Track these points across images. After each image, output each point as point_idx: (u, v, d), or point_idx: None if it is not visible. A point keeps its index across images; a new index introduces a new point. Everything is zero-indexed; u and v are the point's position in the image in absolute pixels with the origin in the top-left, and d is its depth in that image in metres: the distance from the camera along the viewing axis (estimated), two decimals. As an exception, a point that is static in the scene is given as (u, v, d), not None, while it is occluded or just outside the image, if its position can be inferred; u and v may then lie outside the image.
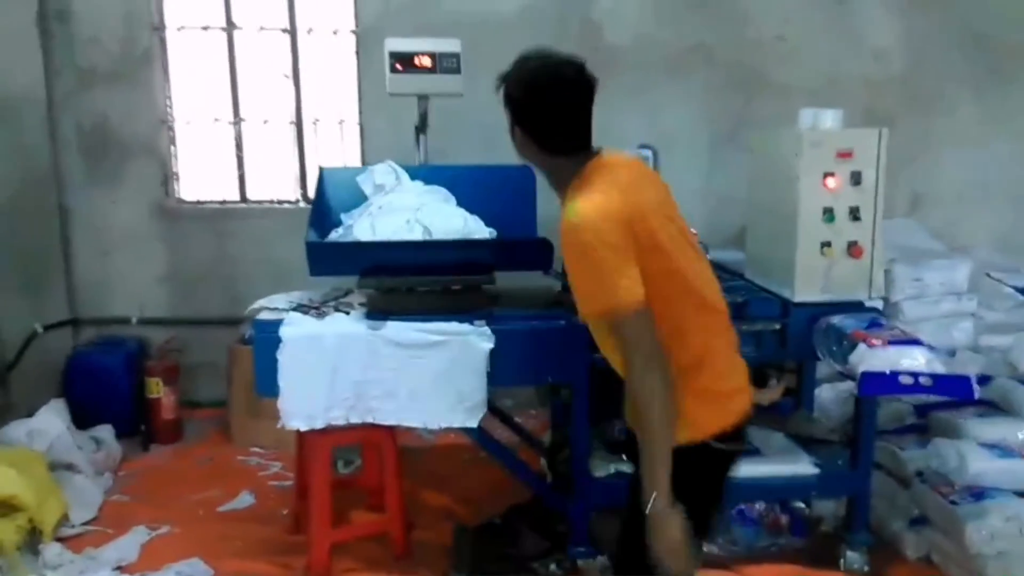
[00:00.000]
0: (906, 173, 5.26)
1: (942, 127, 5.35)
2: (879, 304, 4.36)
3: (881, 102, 5.23)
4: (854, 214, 3.38)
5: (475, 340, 3.24)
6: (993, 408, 3.75)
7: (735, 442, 2.15)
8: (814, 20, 5.28)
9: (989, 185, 5.40)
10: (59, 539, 3.57)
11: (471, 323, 3.27)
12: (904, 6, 5.29)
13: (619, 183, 2.05)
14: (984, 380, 3.91)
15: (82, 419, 4.42)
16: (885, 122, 5.10)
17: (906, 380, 2.93)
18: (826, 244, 3.38)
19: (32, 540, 3.46)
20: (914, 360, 2.97)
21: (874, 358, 3.00)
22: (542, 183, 3.97)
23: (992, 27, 5.30)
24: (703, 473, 2.12)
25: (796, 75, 5.21)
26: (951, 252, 4.89)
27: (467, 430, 3.37)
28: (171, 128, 5.30)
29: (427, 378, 3.24)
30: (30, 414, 4.23)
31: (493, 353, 3.23)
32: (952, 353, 4.31)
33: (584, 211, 1.96)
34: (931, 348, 3.06)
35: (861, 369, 2.98)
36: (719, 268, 3.88)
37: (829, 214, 3.36)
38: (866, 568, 3.38)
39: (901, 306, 4.47)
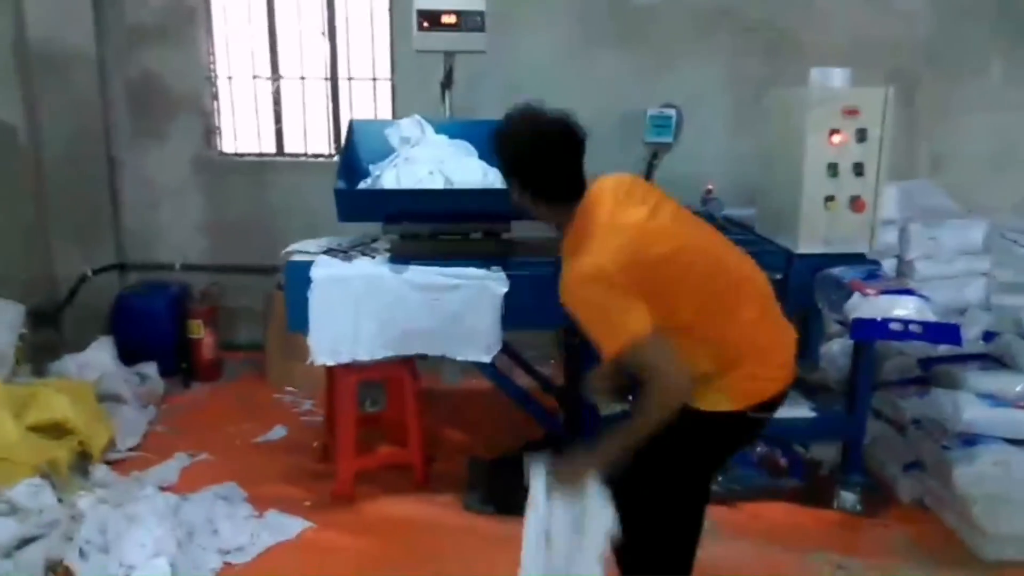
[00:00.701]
0: (929, 135, 5.30)
1: (967, 90, 5.33)
2: (892, 261, 4.48)
3: (907, 65, 5.22)
4: (858, 170, 3.49)
5: (491, 284, 3.45)
6: (997, 363, 3.85)
7: (770, 410, 2.25)
8: (842, -18, 5.28)
9: (1012, 149, 5.38)
10: (106, 462, 3.84)
11: (487, 268, 3.47)
12: (932, -31, 5.27)
13: (614, 225, 2.14)
14: (990, 336, 4.01)
15: (128, 357, 4.70)
16: (910, 84, 5.16)
17: (896, 327, 3.08)
18: (829, 198, 3.50)
19: (82, 462, 3.73)
20: (905, 309, 3.11)
21: (867, 306, 3.14)
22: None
23: (1021, -9, 5.28)
24: (732, 437, 2.31)
25: (823, 37, 5.18)
26: (969, 213, 4.93)
27: (486, 371, 3.60)
28: (214, 84, 5.51)
29: (446, 318, 3.46)
30: (80, 350, 4.53)
31: (507, 297, 3.43)
32: (962, 311, 4.39)
33: (584, 270, 2.10)
34: (923, 298, 3.18)
35: (853, 316, 3.13)
36: (732, 224, 4.04)
37: (833, 169, 3.48)
38: (859, 507, 3.52)
39: (915, 264, 4.53)
